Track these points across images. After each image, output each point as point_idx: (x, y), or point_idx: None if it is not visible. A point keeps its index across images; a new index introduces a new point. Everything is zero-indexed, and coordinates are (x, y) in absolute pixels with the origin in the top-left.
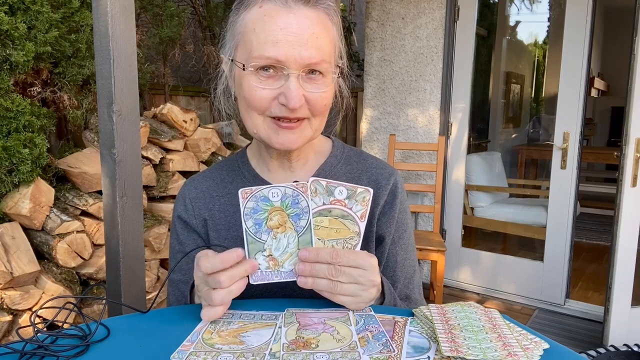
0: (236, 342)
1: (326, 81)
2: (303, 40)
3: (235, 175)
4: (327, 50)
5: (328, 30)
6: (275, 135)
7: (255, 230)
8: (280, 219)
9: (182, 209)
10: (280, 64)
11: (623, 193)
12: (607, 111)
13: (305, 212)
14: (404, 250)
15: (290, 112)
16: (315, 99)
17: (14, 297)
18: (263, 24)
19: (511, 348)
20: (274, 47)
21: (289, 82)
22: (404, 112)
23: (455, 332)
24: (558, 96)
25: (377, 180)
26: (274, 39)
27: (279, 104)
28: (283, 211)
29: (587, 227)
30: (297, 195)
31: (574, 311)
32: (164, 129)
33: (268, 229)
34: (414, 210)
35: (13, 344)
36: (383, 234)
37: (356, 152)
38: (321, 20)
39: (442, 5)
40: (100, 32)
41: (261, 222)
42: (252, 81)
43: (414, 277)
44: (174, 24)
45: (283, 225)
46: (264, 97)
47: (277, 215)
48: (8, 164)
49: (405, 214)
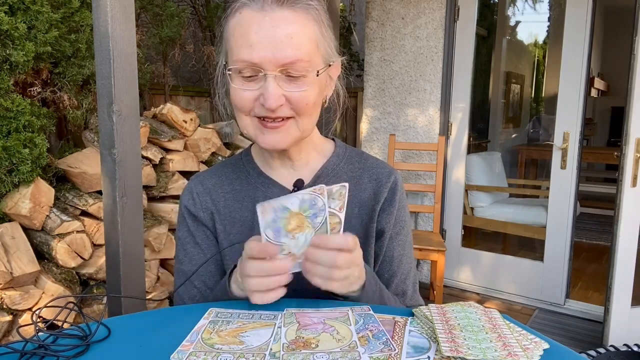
0: (235, 342)
1: (307, 80)
2: (277, 41)
3: (240, 173)
4: (305, 50)
5: (307, 29)
6: (262, 135)
7: (275, 236)
8: (299, 221)
9: (190, 203)
10: (256, 66)
11: (623, 193)
12: (607, 111)
13: (322, 210)
14: (401, 247)
15: (271, 112)
16: (296, 98)
17: (14, 297)
18: (241, 28)
19: (511, 348)
20: (248, 50)
21: (266, 82)
22: (404, 112)
23: (455, 332)
24: (558, 96)
25: (378, 179)
26: (248, 42)
27: (260, 104)
28: (301, 214)
29: (587, 227)
30: (314, 198)
31: (574, 311)
32: (164, 129)
33: (287, 232)
34: (414, 210)
35: (13, 343)
36: (383, 228)
37: (357, 152)
38: (298, 19)
39: (442, 5)
40: (100, 32)
41: (280, 228)
42: (235, 84)
43: (410, 274)
44: (174, 24)
45: (301, 226)
46: (247, 99)
47: (295, 218)
48: (8, 164)
49: (404, 211)
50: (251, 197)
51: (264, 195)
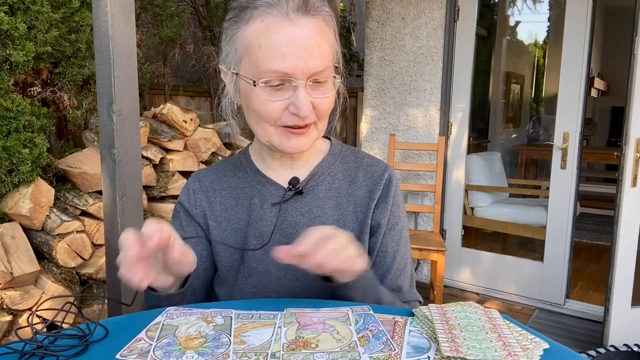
0: (237, 341)
1: (329, 86)
2: (308, 51)
3: (237, 171)
4: (329, 57)
5: (327, 37)
6: (288, 142)
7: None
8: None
9: (185, 199)
10: (288, 76)
11: (623, 193)
12: (607, 111)
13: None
14: (395, 242)
15: (302, 120)
16: (321, 104)
17: (14, 297)
18: (268, 39)
19: (511, 348)
20: (281, 60)
21: (297, 92)
22: (404, 112)
23: (455, 332)
24: (558, 96)
25: (373, 176)
26: (280, 53)
27: (290, 113)
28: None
29: (587, 227)
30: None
31: (574, 311)
32: (164, 129)
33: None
34: (414, 210)
35: (13, 344)
36: (378, 223)
37: (353, 150)
38: (321, 28)
39: (442, 5)
40: (100, 32)
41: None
42: (262, 95)
43: (406, 270)
44: (174, 24)
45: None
46: (276, 109)
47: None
48: (8, 164)
49: (398, 207)
50: (247, 195)
51: (260, 194)
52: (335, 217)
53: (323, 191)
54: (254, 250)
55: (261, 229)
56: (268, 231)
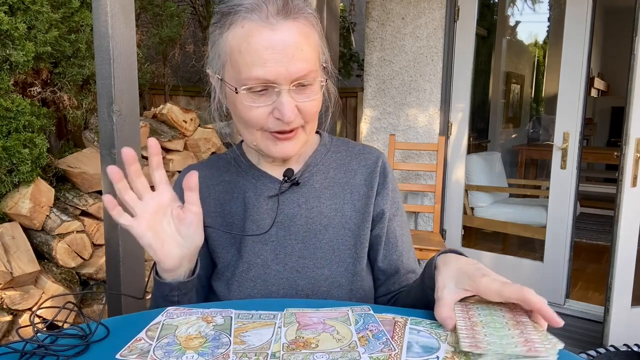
0: (237, 341)
1: (315, 88)
2: (289, 56)
3: (231, 166)
4: (312, 60)
5: (311, 39)
6: (274, 147)
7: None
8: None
9: (178, 190)
10: (270, 82)
11: (623, 193)
12: (607, 111)
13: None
14: (400, 227)
15: (286, 125)
16: (306, 107)
17: (14, 297)
18: (248, 44)
19: (532, 344)
20: (262, 67)
21: (281, 97)
22: (404, 112)
23: (477, 328)
24: (558, 96)
25: (367, 164)
26: (261, 59)
27: (275, 118)
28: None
29: (587, 227)
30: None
31: (574, 311)
32: (164, 129)
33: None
34: (414, 210)
35: (13, 343)
36: (382, 210)
37: (343, 141)
38: (302, 31)
39: (442, 5)
40: (100, 32)
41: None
42: (245, 101)
43: (412, 251)
44: (174, 24)
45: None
46: (260, 115)
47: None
48: (8, 164)
49: (396, 192)
50: (242, 189)
51: (255, 187)
52: (333, 207)
53: (319, 181)
54: (253, 238)
55: (258, 222)
56: (265, 224)
